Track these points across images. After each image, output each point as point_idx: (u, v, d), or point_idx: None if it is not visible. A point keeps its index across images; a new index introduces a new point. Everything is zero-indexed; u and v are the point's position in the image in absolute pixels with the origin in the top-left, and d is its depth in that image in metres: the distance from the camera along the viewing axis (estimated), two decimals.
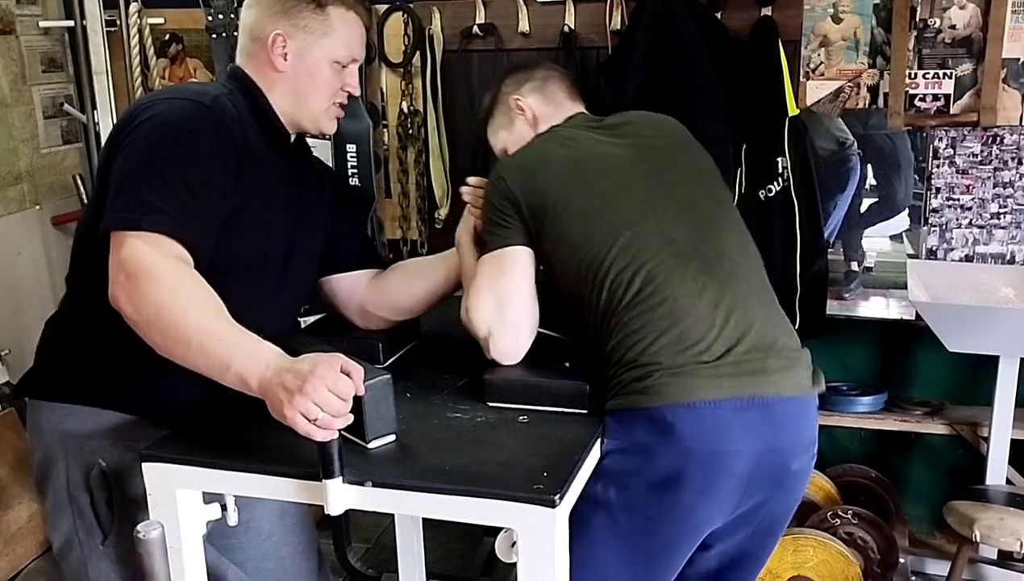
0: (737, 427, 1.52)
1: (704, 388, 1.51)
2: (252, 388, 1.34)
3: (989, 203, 2.61)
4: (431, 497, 1.33)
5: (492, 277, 1.66)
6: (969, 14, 2.49)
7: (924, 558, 2.83)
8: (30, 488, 3.03)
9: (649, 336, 1.54)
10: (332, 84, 1.67)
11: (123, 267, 1.39)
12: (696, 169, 1.78)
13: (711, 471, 1.52)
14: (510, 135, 1.89)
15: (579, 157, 1.71)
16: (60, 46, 3.29)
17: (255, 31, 1.66)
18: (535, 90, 1.89)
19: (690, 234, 1.63)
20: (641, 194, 1.66)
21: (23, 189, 3.19)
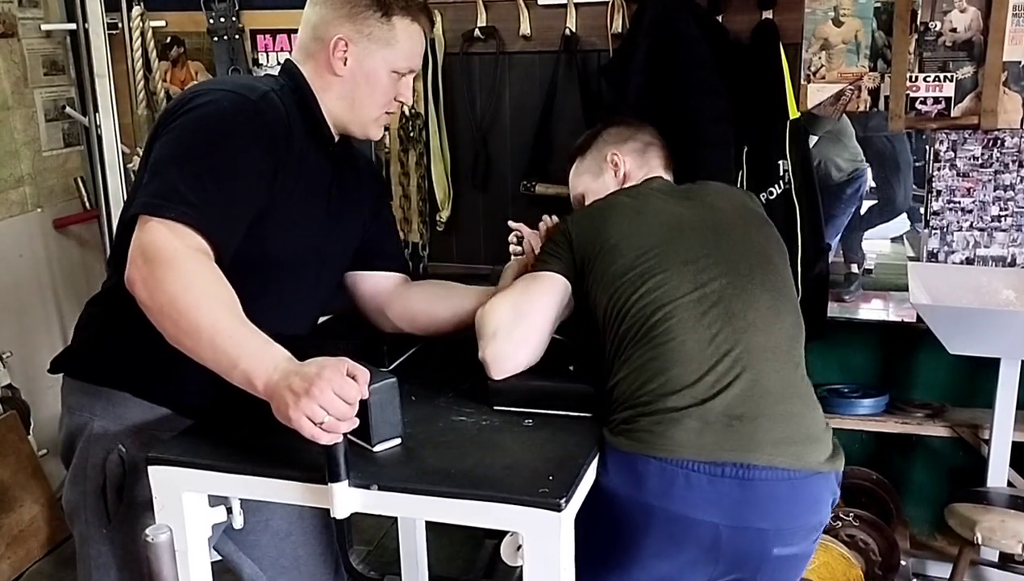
0: (709, 495, 1.43)
1: (682, 444, 1.43)
2: (258, 389, 1.34)
3: (990, 206, 2.61)
4: (437, 500, 1.34)
5: (522, 291, 1.67)
6: (970, 17, 2.50)
7: (925, 560, 2.83)
8: (32, 490, 3.04)
9: (646, 374, 1.50)
10: (387, 93, 1.67)
11: (143, 251, 1.40)
12: (759, 233, 1.74)
13: (674, 535, 1.46)
14: (594, 183, 1.92)
15: (641, 207, 1.72)
16: (62, 49, 3.29)
17: (318, 31, 1.64)
18: (635, 152, 1.91)
19: (724, 284, 1.57)
20: (688, 244, 1.63)
21: (25, 192, 3.19)
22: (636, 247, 1.62)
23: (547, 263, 1.70)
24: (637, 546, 1.50)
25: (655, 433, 1.45)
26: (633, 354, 1.53)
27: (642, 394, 1.49)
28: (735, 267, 1.62)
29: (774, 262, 1.69)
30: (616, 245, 1.63)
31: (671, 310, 1.54)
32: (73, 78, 3.33)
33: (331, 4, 1.64)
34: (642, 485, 1.45)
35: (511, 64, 2.88)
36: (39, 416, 3.18)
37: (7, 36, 3.09)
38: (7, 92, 3.10)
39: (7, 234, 3.10)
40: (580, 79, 2.80)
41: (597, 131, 1.98)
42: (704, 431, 1.44)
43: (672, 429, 1.45)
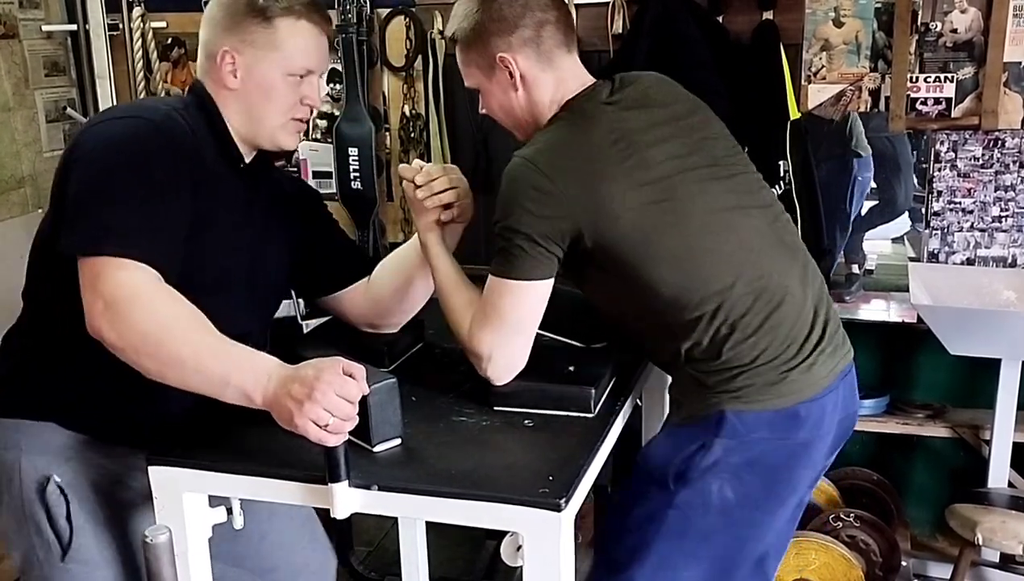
0: (836, 406, 1.61)
1: (821, 378, 1.58)
2: (256, 402, 1.33)
3: (990, 206, 2.61)
4: (437, 501, 1.33)
5: (511, 309, 1.55)
6: (970, 18, 2.50)
7: (926, 561, 2.83)
8: None
9: (776, 332, 1.55)
10: (287, 98, 1.58)
11: (100, 295, 1.35)
12: (725, 138, 1.70)
13: (822, 448, 1.62)
14: (491, 85, 1.64)
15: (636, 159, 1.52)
16: (63, 50, 3.29)
17: (207, 48, 1.59)
18: (527, 44, 1.59)
19: (764, 214, 1.64)
20: (712, 186, 1.59)
21: (25, 193, 3.19)
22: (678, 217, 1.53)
23: (533, 270, 1.53)
24: (794, 480, 1.62)
25: (801, 382, 1.56)
26: (742, 318, 1.54)
27: (781, 351, 1.55)
28: (756, 197, 1.66)
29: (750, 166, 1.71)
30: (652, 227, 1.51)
31: (762, 265, 1.57)
32: (74, 79, 3.33)
33: (213, 19, 1.59)
34: (801, 427, 1.57)
35: None
36: None
37: (8, 37, 3.09)
38: (8, 93, 3.10)
39: (8, 235, 3.10)
40: None
41: (480, 6, 1.60)
42: (826, 361, 1.60)
43: (812, 371, 1.57)
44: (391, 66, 3.00)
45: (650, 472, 1.62)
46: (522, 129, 1.69)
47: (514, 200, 1.51)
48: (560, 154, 1.52)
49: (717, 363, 1.55)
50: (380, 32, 2.97)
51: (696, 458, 1.56)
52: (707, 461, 1.56)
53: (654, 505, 1.60)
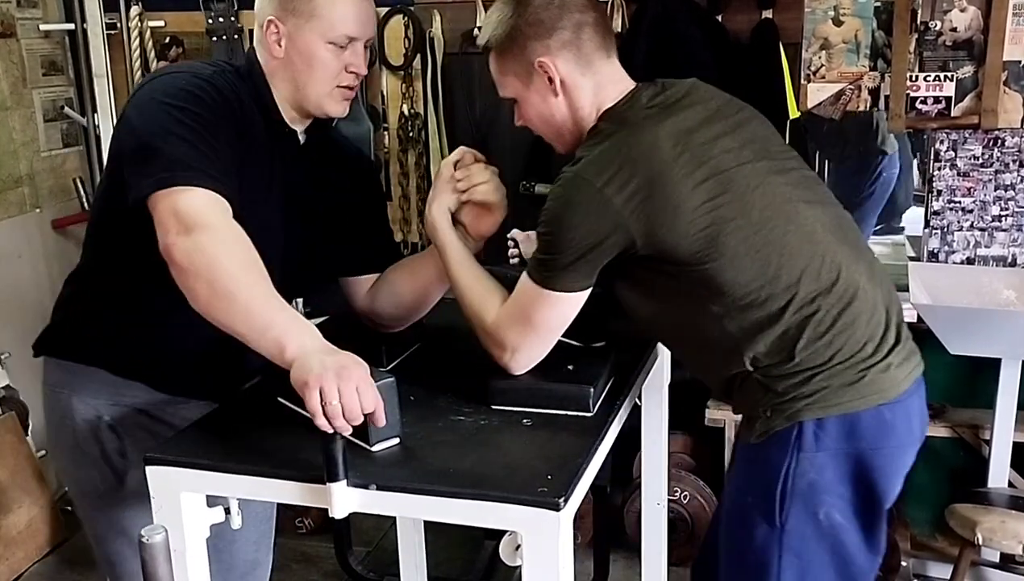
0: (921, 409, 1.56)
1: (904, 379, 1.51)
2: (286, 353, 1.33)
3: (990, 206, 2.61)
4: (435, 500, 1.33)
5: (545, 318, 1.53)
6: (970, 17, 2.50)
7: (926, 561, 2.83)
8: (31, 492, 3.03)
9: (853, 325, 1.48)
10: (330, 66, 1.59)
11: (179, 218, 1.39)
12: (775, 135, 1.65)
13: (912, 454, 1.56)
14: (529, 93, 1.58)
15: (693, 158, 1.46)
16: (60, 49, 3.29)
17: (258, 17, 1.63)
18: (567, 47, 1.52)
19: (826, 210, 1.56)
20: (772, 180, 1.51)
21: (23, 192, 3.19)
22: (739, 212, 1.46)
23: (576, 280, 1.49)
24: (891, 490, 1.55)
25: (881, 381, 1.48)
26: (813, 316, 1.47)
27: (857, 349, 1.48)
28: (814, 191, 1.59)
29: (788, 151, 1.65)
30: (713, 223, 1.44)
31: (835, 261, 1.50)
32: (72, 78, 3.33)
33: None
34: (890, 432, 1.50)
35: None
36: (38, 418, 3.17)
37: (5, 36, 3.09)
38: (5, 92, 3.10)
39: (6, 235, 3.10)
40: None
41: (515, 11, 1.54)
42: (903, 361, 1.53)
43: (891, 372, 1.50)
44: (389, 65, 3.00)
45: (748, 507, 1.55)
46: (563, 139, 1.62)
47: (567, 215, 1.45)
48: (612, 165, 1.44)
49: (790, 366, 1.47)
50: (379, 31, 2.97)
51: (788, 482, 1.48)
52: (802, 483, 1.48)
53: (765, 549, 1.52)
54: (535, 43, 1.52)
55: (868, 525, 1.54)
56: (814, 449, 1.47)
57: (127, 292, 1.63)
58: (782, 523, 1.50)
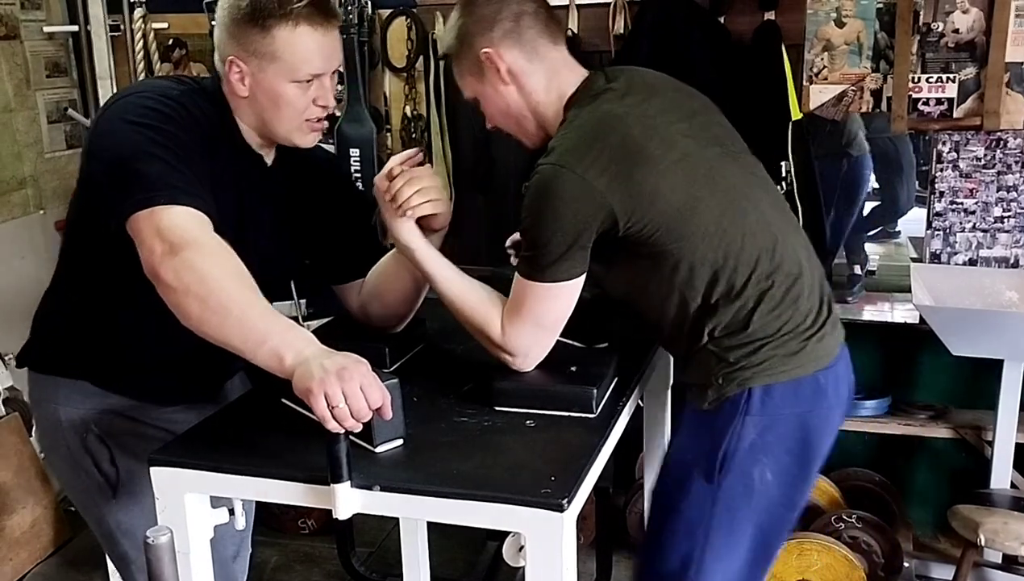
0: (847, 371, 1.68)
1: (834, 347, 1.63)
2: (285, 362, 1.33)
3: (993, 207, 2.61)
4: (439, 501, 1.33)
5: (548, 311, 1.56)
6: (972, 18, 2.50)
7: (928, 562, 2.82)
8: (35, 493, 3.04)
9: (792, 306, 1.58)
10: (296, 104, 1.56)
11: (163, 238, 1.38)
12: (721, 119, 1.73)
13: (840, 416, 1.67)
14: (484, 88, 1.64)
15: (663, 142, 1.53)
16: (64, 51, 3.30)
17: (219, 52, 1.59)
18: (509, 37, 1.59)
19: (770, 192, 1.67)
20: (728, 165, 1.61)
21: (27, 194, 3.19)
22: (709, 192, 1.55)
23: (570, 268, 1.53)
24: (821, 450, 1.66)
25: (818, 350, 1.60)
26: (768, 291, 1.57)
27: (796, 322, 1.58)
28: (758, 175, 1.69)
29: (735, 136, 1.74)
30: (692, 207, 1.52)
31: (780, 240, 1.60)
32: (75, 80, 3.33)
33: (221, 23, 1.57)
34: (824, 395, 1.61)
35: None
36: None
37: (9, 38, 3.09)
38: (9, 94, 3.10)
39: (9, 236, 3.11)
40: None
41: (461, 15, 1.63)
42: (836, 331, 1.66)
43: (825, 341, 1.62)
44: (392, 67, 3.00)
45: (687, 467, 1.63)
46: (527, 133, 1.68)
47: (550, 207, 1.49)
48: (586, 150, 1.50)
49: (743, 336, 1.57)
50: (381, 33, 2.98)
51: (731, 443, 1.58)
52: (743, 444, 1.58)
53: (699, 505, 1.62)
54: (480, 38, 1.60)
55: (793, 484, 1.65)
56: (760, 413, 1.57)
57: (102, 307, 1.63)
58: (720, 481, 1.59)
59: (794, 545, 2.51)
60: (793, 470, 1.63)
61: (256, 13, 1.51)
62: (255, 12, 1.51)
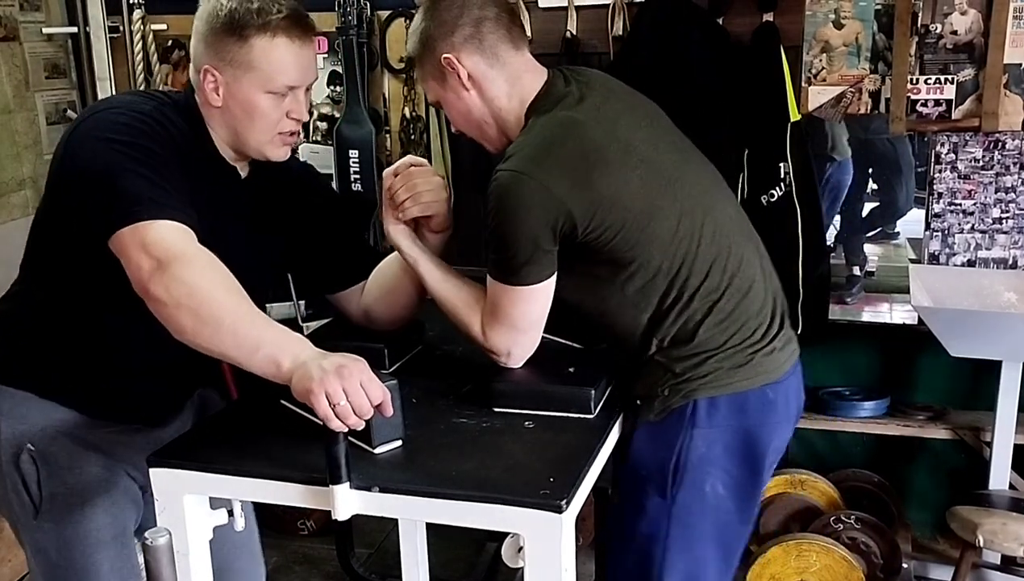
0: (798, 389, 1.69)
1: (785, 362, 1.63)
2: (282, 368, 1.33)
3: (991, 208, 2.61)
4: (438, 502, 1.33)
5: (523, 313, 1.57)
6: (970, 19, 2.50)
7: (927, 563, 2.83)
8: None
9: (746, 315, 1.59)
10: (270, 116, 1.56)
11: (150, 253, 1.38)
12: (675, 128, 1.73)
13: (788, 432, 1.68)
14: (447, 93, 1.64)
15: (623, 148, 1.53)
16: (63, 52, 3.30)
17: (194, 61, 1.59)
18: (469, 41, 1.59)
19: (731, 205, 1.68)
20: (687, 173, 1.62)
21: (26, 195, 3.19)
22: (667, 200, 1.54)
23: (538, 271, 1.53)
24: (769, 463, 1.67)
25: (766, 363, 1.60)
26: (716, 303, 1.57)
27: (744, 336, 1.59)
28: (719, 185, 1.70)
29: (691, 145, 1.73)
30: (648, 213, 1.52)
31: (734, 253, 1.60)
32: (74, 81, 3.33)
33: (197, 32, 1.57)
34: (772, 409, 1.61)
35: None
36: None
37: (9, 40, 3.09)
38: (9, 95, 3.10)
39: (8, 237, 3.10)
40: None
41: (423, 19, 1.63)
42: (786, 347, 1.65)
43: (774, 355, 1.62)
44: (391, 68, 3.00)
45: (641, 483, 1.63)
46: (488, 138, 1.68)
47: (512, 212, 1.49)
48: (544, 156, 1.50)
49: (688, 347, 1.57)
50: (380, 34, 2.98)
51: (682, 456, 1.58)
52: (693, 457, 1.58)
53: (655, 522, 1.61)
54: (441, 42, 1.60)
55: (746, 497, 1.66)
56: (707, 425, 1.57)
57: (67, 314, 1.61)
58: (673, 495, 1.59)
59: (793, 546, 2.51)
60: (744, 483, 1.63)
61: (234, 23, 1.51)
62: (233, 22, 1.51)
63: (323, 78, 3.04)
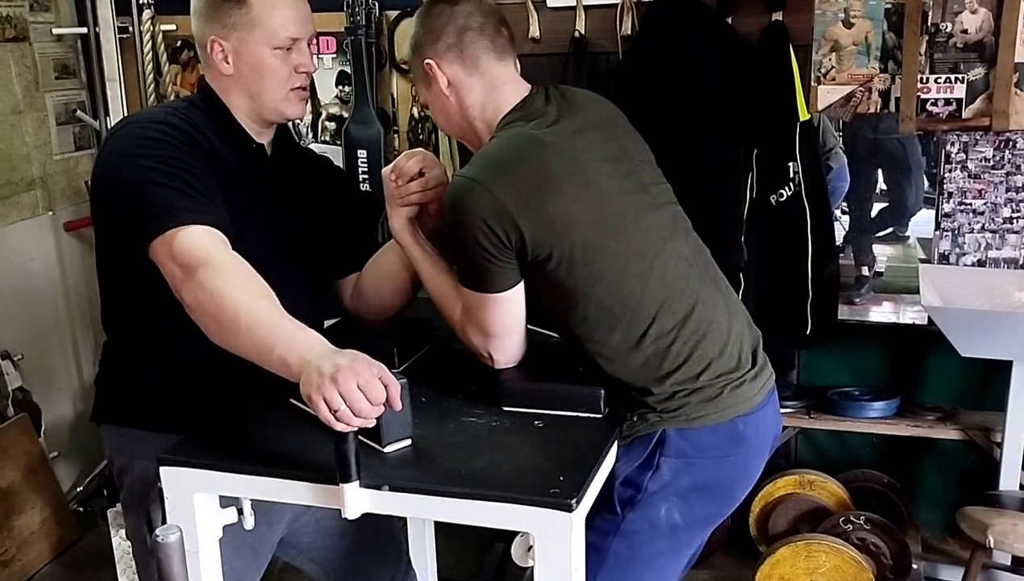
0: (771, 419, 1.66)
1: (756, 394, 1.61)
2: (291, 369, 1.34)
3: (1001, 208, 2.60)
4: (448, 501, 1.33)
5: (494, 319, 1.58)
6: (981, 18, 2.49)
7: (937, 564, 2.82)
8: (43, 493, 3.05)
9: (707, 358, 1.56)
10: (280, 72, 1.64)
11: (177, 261, 1.45)
12: (652, 165, 1.71)
13: (759, 465, 1.65)
14: (429, 95, 1.69)
15: (583, 179, 1.54)
16: (73, 53, 3.31)
17: (199, 41, 1.67)
18: (451, 50, 1.62)
19: (689, 247, 1.64)
20: (647, 214, 1.60)
21: (36, 195, 3.20)
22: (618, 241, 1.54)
23: (501, 281, 1.54)
24: (734, 498, 1.66)
25: (736, 396, 1.58)
26: (678, 347, 1.55)
27: (712, 371, 1.56)
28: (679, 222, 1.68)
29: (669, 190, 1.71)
30: (593, 247, 1.52)
31: (689, 294, 1.58)
32: (84, 82, 3.34)
33: (196, 12, 1.67)
34: (742, 442, 1.59)
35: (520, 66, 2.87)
36: (50, 418, 3.19)
37: (18, 40, 3.10)
38: (19, 96, 3.11)
39: (19, 237, 3.12)
40: (589, 81, 2.79)
41: (415, 26, 1.67)
42: (758, 379, 1.63)
43: (744, 387, 1.60)
44: (400, 68, 3.00)
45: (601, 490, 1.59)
46: (469, 141, 1.72)
47: (465, 220, 1.50)
48: (502, 170, 1.51)
49: (653, 384, 1.55)
50: (389, 34, 2.98)
51: (644, 479, 1.56)
52: (656, 484, 1.56)
53: (599, 532, 1.57)
54: (427, 49, 1.64)
55: (701, 528, 1.66)
56: (675, 456, 1.56)
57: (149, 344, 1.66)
58: (625, 514, 1.58)
59: (802, 547, 2.51)
60: (702, 515, 1.63)
61: None
62: None
63: (332, 78, 3.04)
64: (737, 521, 2.80)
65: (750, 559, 2.71)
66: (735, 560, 2.89)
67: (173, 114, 1.62)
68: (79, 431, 3.34)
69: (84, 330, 3.31)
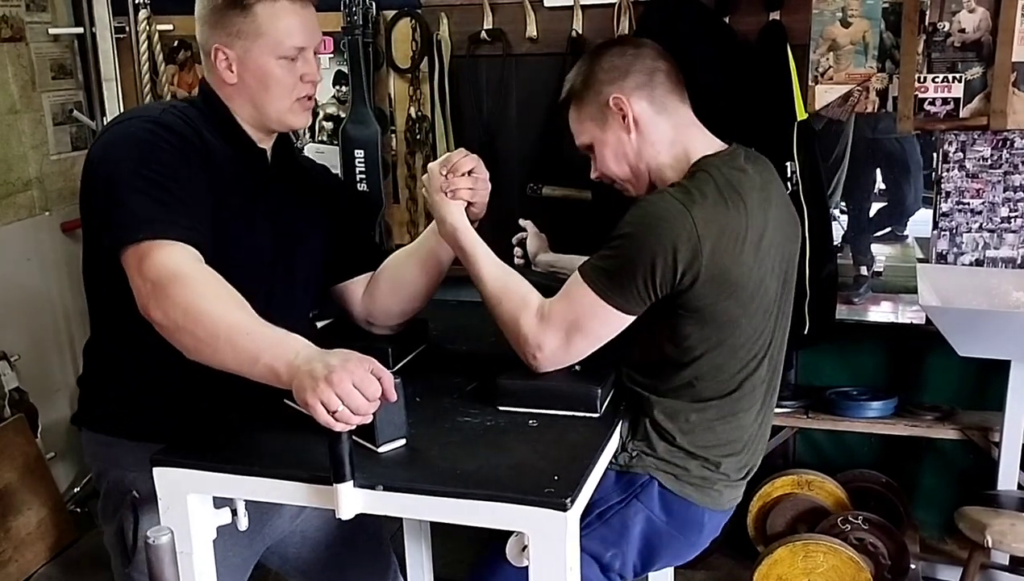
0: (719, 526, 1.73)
1: (734, 500, 1.70)
2: (281, 377, 1.34)
3: (999, 207, 2.60)
4: (442, 501, 1.33)
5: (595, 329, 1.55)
6: (979, 17, 2.49)
7: (935, 564, 2.82)
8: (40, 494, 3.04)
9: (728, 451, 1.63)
10: (285, 81, 1.60)
11: (146, 277, 1.41)
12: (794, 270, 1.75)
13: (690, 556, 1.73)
14: (604, 134, 1.66)
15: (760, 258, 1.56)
16: (69, 53, 3.30)
17: (202, 47, 1.63)
18: (641, 88, 1.62)
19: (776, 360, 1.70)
20: (777, 320, 1.67)
21: (32, 195, 3.19)
22: (760, 309, 1.59)
23: (634, 304, 1.53)
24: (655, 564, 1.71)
25: (721, 494, 1.65)
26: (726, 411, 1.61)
27: (722, 456, 1.63)
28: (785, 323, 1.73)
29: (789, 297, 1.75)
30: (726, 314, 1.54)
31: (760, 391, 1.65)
32: (80, 82, 3.33)
33: (200, 18, 1.62)
34: (700, 532, 1.66)
35: (518, 66, 2.87)
36: (47, 419, 3.18)
37: (15, 40, 3.10)
38: (15, 96, 3.11)
39: (15, 238, 3.11)
40: None
41: (590, 64, 1.67)
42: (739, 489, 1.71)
43: (730, 490, 1.67)
44: (397, 68, 3.00)
45: None
46: (636, 181, 1.68)
47: (656, 233, 1.48)
48: (714, 214, 1.49)
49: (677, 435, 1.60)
50: (386, 34, 2.97)
51: (609, 513, 1.62)
52: (616, 523, 1.61)
53: None
54: (610, 85, 1.62)
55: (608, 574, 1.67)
56: (647, 505, 1.61)
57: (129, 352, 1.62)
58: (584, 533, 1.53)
59: (800, 547, 2.50)
60: (627, 571, 1.66)
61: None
62: None
63: (328, 78, 3.04)
64: (735, 521, 2.80)
65: (748, 559, 2.71)
66: (733, 560, 2.89)
67: (169, 112, 1.58)
68: (76, 432, 3.31)
69: (81, 331, 3.30)
